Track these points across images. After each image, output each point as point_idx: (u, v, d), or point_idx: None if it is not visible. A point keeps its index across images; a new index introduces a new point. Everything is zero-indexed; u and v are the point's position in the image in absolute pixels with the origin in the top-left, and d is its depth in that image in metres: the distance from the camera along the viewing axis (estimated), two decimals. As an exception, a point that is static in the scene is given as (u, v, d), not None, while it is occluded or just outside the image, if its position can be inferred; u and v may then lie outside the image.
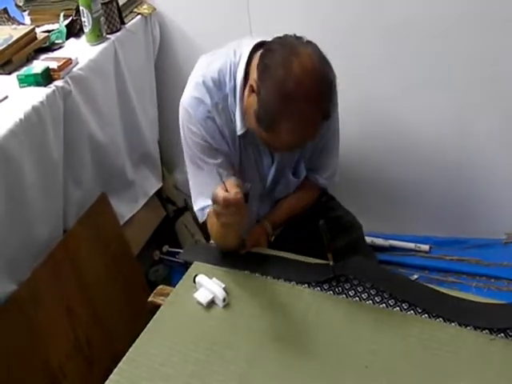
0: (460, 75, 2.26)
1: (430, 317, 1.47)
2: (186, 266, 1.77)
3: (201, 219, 1.79)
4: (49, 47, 2.24)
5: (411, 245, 2.66)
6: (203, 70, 1.73)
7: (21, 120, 1.82)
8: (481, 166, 2.47)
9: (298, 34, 1.58)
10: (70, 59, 2.08)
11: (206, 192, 1.68)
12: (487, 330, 1.41)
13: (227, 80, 1.68)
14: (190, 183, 1.81)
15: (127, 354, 1.47)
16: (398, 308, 1.50)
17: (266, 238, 1.88)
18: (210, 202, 1.57)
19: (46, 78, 1.99)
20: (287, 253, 1.76)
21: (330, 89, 1.56)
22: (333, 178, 2.00)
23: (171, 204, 2.89)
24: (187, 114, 1.71)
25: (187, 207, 2.91)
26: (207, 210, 1.73)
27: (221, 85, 1.69)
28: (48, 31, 2.30)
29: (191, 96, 1.71)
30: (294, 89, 1.46)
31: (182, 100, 1.74)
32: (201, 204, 1.77)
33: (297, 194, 2.00)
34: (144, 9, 2.56)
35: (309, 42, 1.56)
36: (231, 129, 1.73)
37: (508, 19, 2.07)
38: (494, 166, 2.44)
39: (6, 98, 1.95)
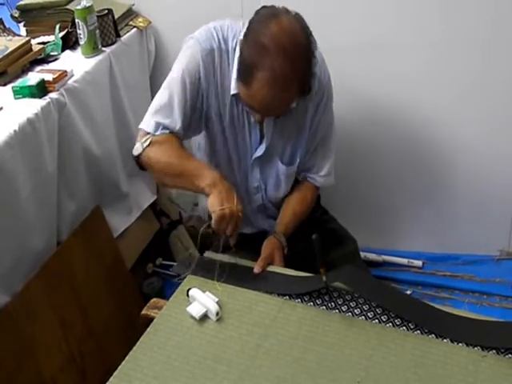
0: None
1: (422, 333, 1.47)
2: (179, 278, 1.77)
3: (152, 130, 1.80)
4: (44, 59, 2.25)
5: (404, 260, 2.67)
6: (214, 23, 1.82)
7: (15, 132, 1.82)
8: (474, 183, 2.48)
9: None
10: (65, 71, 2.08)
11: (163, 113, 1.79)
12: (479, 347, 1.41)
13: (230, 39, 1.77)
14: (154, 102, 1.85)
15: (119, 368, 1.46)
16: (390, 324, 1.50)
17: (281, 251, 1.84)
18: (166, 121, 1.77)
19: (41, 89, 1.99)
20: (280, 268, 1.77)
21: (307, 55, 1.61)
22: (329, 177, 2.01)
23: (165, 217, 2.89)
24: (192, 41, 1.79)
25: (181, 220, 2.91)
26: (161, 131, 1.79)
27: (226, 40, 1.78)
28: (43, 43, 2.30)
29: (202, 30, 1.80)
30: (269, 42, 1.54)
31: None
32: (159, 119, 1.80)
33: (296, 196, 2.00)
34: (139, 22, 2.57)
35: (296, 14, 1.61)
36: (224, 86, 1.79)
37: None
38: (486, 182, 2.46)
39: (1, 109, 1.94)
